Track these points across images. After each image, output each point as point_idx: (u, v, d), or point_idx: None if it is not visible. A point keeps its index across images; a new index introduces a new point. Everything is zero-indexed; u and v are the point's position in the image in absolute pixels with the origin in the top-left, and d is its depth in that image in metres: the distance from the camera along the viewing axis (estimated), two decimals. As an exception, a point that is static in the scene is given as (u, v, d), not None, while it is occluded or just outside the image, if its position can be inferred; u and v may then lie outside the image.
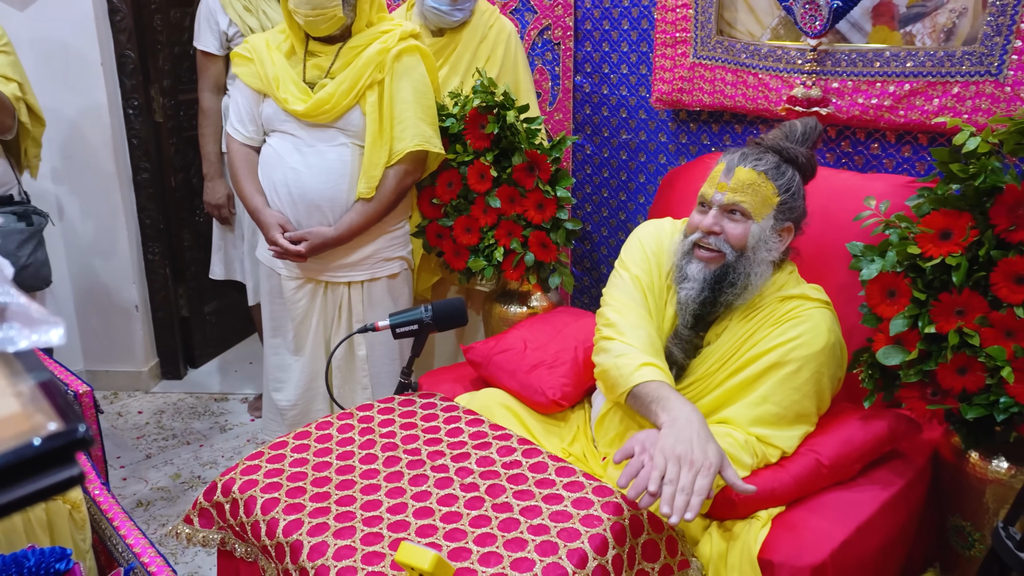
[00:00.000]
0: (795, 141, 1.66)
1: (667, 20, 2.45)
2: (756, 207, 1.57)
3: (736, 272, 1.58)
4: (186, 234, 3.46)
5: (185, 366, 3.58)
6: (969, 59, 1.90)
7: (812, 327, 1.55)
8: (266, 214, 2.20)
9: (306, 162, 2.17)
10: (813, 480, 1.55)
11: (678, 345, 1.66)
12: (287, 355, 2.37)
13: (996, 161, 1.48)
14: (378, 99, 2.15)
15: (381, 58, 2.13)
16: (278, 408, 2.42)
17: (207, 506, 1.56)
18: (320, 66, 2.17)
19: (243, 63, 2.22)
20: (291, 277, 2.29)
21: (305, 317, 2.32)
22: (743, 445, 1.52)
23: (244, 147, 2.27)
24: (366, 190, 2.17)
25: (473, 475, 1.51)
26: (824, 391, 1.58)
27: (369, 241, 2.26)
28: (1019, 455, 1.56)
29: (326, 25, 2.09)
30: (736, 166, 1.59)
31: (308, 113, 2.13)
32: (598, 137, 2.85)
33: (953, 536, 1.67)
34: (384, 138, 2.16)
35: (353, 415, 1.75)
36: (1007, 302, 1.45)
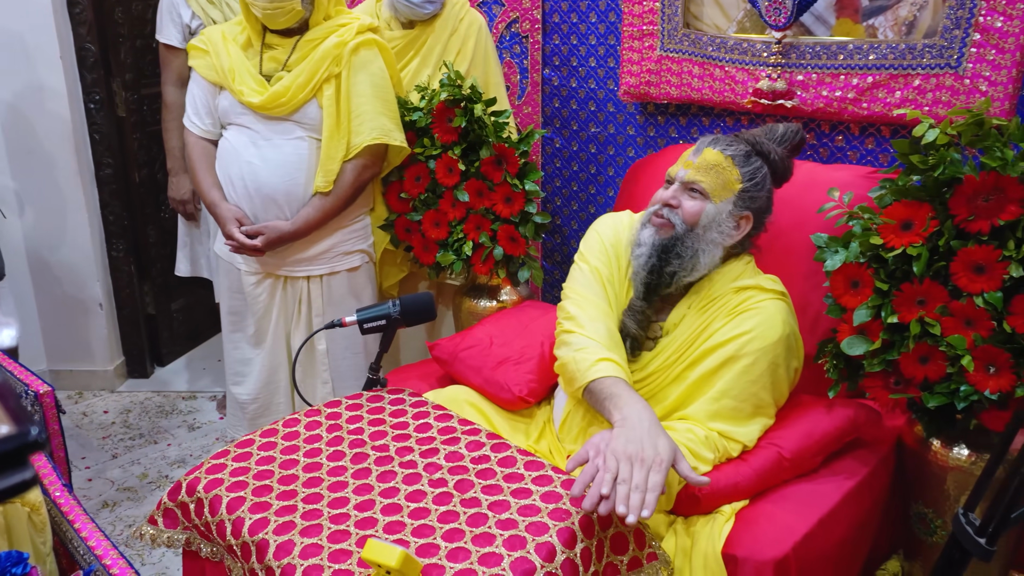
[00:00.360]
0: (774, 140, 1.70)
1: (634, 13, 2.45)
2: (715, 189, 1.62)
3: (683, 245, 1.62)
4: (151, 230, 3.41)
5: (152, 364, 3.53)
6: (929, 52, 1.93)
7: (766, 319, 1.57)
8: (223, 208, 2.18)
9: (262, 156, 2.15)
10: (775, 473, 1.57)
11: (632, 317, 1.69)
12: (248, 349, 2.36)
13: (955, 152, 1.49)
14: (335, 92, 2.14)
15: (338, 51, 2.12)
16: (239, 402, 2.40)
17: (172, 506, 1.54)
18: (277, 59, 2.15)
19: (199, 55, 2.20)
20: (250, 272, 2.28)
21: (266, 311, 2.30)
22: (703, 441, 1.54)
23: (201, 140, 2.25)
24: (323, 184, 2.16)
25: (442, 470, 1.50)
26: (781, 382, 1.60)
27: (327, 235, 2.24)
28: (979, 442, 1.59)
29: (284, 18, 2.08)
30: (706, 147, 1.64)
31: (264, 105, 2.11)
32: (567, 130, 2.85)
33: (916, 523, 1.70)
34: (341, 132, 2.15)
35: (321, 412, 1.73)
36: (966, 291, 1.47)
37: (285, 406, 2.39)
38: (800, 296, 1.86)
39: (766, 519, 1.50)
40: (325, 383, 2.35)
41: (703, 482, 1.38)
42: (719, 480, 1.52)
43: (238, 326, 2.36)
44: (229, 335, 2.40)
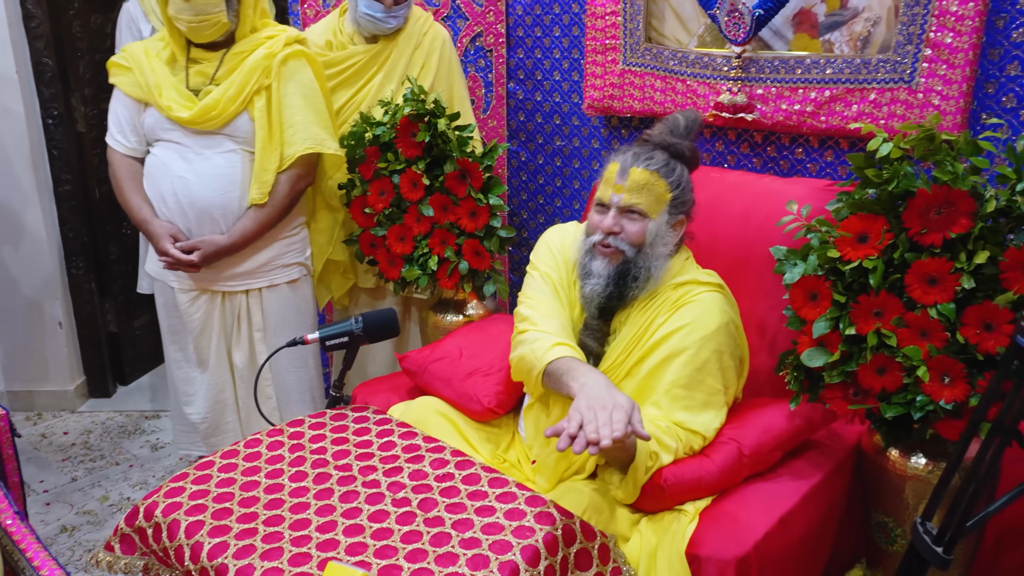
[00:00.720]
0: (680, 135, 1.74)
1: (597, 27, 2.47)
2: (651, 206, 1.66)
3: (637, 267, 1.68)
4: (112, 247, 3.36)
5: (114, 383, 3.47)
6: (884, 67, 1.96)
7: (704, 310, 1.64)
8: (155, 224, 2.16)
9: (194, 170, 2.13)
10: (736, 468, 1.61)
11: (590, 335, 1.74)
12: (190, 369, 2.33)
13: (908, 166, 1.52)
14: (266, 104, 2.13)
15: (267, 63, 2.12)
16: (191, 422, 2.36)
17: (129, 532, 1.51)
18: (204, 73, 2.14)
19: (121, 72, 2.17)
20: (184, 289, 2.24)
21: (203, 330, 2.27)
22: (666, 430, 1.59)
23: (127, 158, 2.22)
24: (259, 196, 2.15)
25: (405, 489, 1.49)
26: (728, 369, 1.66)
27: (265, 247, 2.24)
28: (936, 451, 1.61)
29: (210, 31, 2.07)
30: (630, 167, 1.67)
31: (194, 120, 2.10)
32: (532, 144, 2.86)
33: (877, 532, 1.72)
34: (274, 143, 2.15)
35: (283, 431, 1.72)
36: (921, 303, 1.49)
37: (234, 425, 2.37)
38: (760, 311, 1.88)
39: (728, 518, 1.54)
40: (269, 398, 2.33)
41: (645, 436, 1.42)
42: (683, 474, 1.56)
43: (179, 345, 2.33)
44: (171, 355, 2.37)
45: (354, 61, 2.45)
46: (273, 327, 2.29)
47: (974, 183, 1.47)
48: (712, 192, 2.06)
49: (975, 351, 1.45)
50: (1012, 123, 1.88)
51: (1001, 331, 1.43)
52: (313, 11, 2.78)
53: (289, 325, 2.31)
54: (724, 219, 1.99)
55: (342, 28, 2.48)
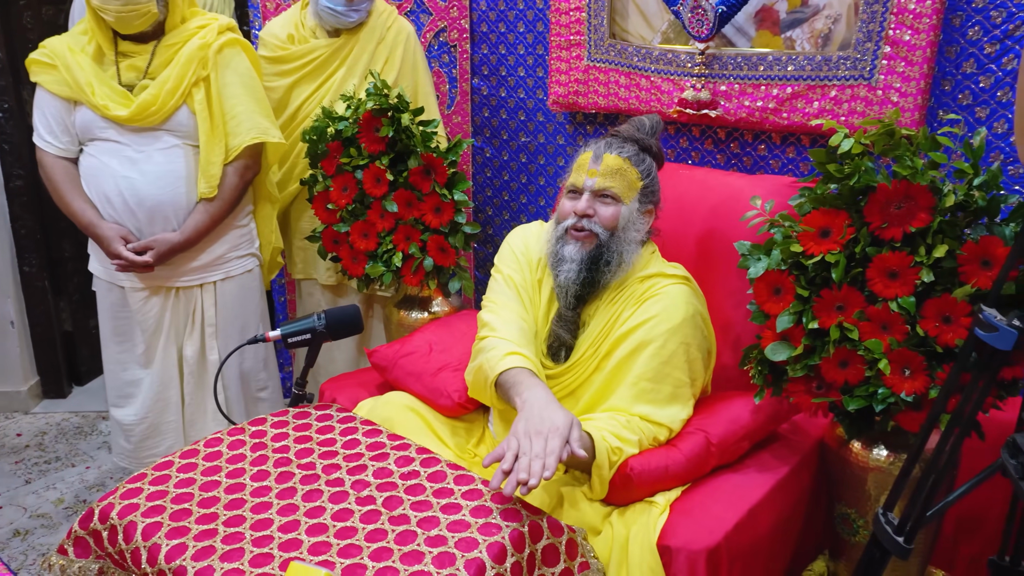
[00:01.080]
0: (647, 133, 1.78)
1: (561, 23, 2.46)
2: (624, 191, 1.69)
3: (610, 251, 1.69)
4: (66, 244, 3.27)
5: (69, 383, 3.38)
6: (844, 64, 1.99)
7: (670, 302, 1.65)
8: (103, 227, 2.09)
9: (138, 168, 2.08)
10: (703, 457, 1.62)
11: (563, 327, 1.74)
12: (136, 369, 2.28)
13: (869, 161, 1.54)
14: (205, 96, 2.10)
15: (203, 53, 2.08)
16: (122, 427, 2.31)
17: (83, 534, 1.47)
18: (136, 67, 2.08)
19: (44, 70, 2.09)
20: (136, 289, 2.19)
21: (156, 328, 2.23)
22: (625, 424, 1.59)
23: (60, 160, 2.13)
24: (207, 189, 2.12)
25: (370, 487, 1.47)
26: (695, 361, 1.67)
27: (218, 239, 2.21)
28: (897, 443, 1.64)
29: (139, 22, 2.01)
30: (603, 153, 1.70)
31: (133, 118, 2.04)
32: (497, 140, 2.85)
33: (839, 524, 1.74)
34: (218, 135, 2.11)
35: (245, 430, 1.68)
36: (882, 296, 1.51)
37: (176, 425, 2.31)
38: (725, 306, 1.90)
39: (699, 510, 1.55)
40: (220, 393, 2.28)
41: (582, 455, 1.41)
42: (650, 463, 1.56)
43: (125, 346, 2.27)
44: (114, 356, 2.30)
45: (316, 55, 2.41)
46: (226, 320, 2.26)
47: (933, 178, 1.49)
48: (678, 188, 2.07)
49: (935, 344, 1.48)
50: (968, 119, 1.92)
51: (959, 324, 1.45)
52: (273, 4, 2.74)
53: (242, 317, 2.29)
54: (690, 215, 2.00)
55: (304, 22, 2.45)
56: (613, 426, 1.57)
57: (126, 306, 2.22)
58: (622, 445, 1.55)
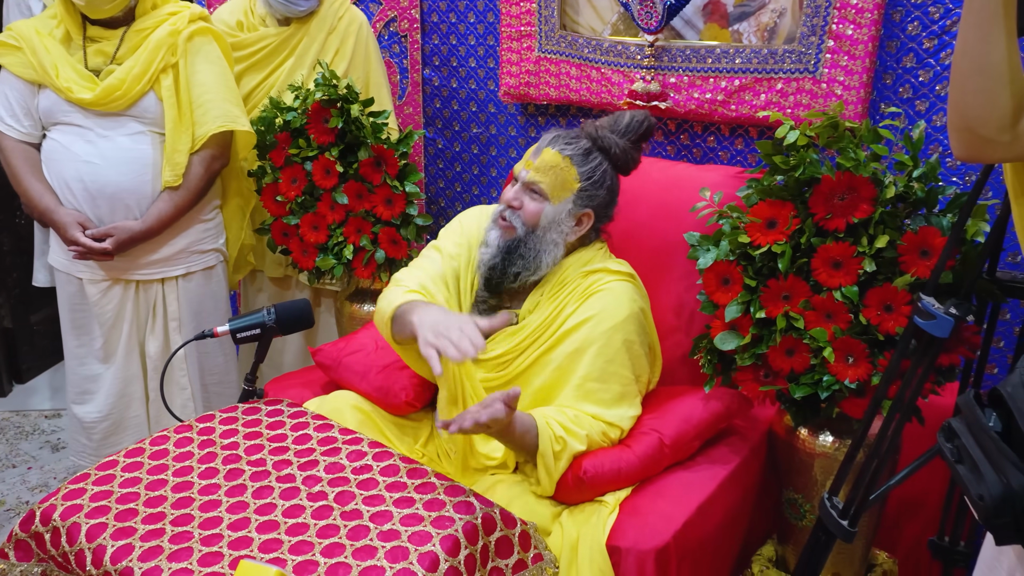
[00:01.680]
0: (617, 132, 1.74)
1: (512, 14, 2.45)
2: (554, 189, 1.67)
3: (525, 247, 1.67)
4: (5, 238, 3.17)
5: (10, 382, 3.28)
6: (789, 57, 2.02)
7: (613, 299, 1.64)
8: (60, 213, 2.04)
9: (101, 153, 2.03)
10: (657, 458, 1.62)
11: (477, 308, 1.75)
12: (95, 364, 2.21)
13: (814, 153, 1.57)
14: (173, 83, 2.06)
15: (173, 40, 2.04)
16: (83, 425, 2.24)
17: (24, 537, 1.43)
18: (104, 52, 2.04)
19: (9, 52, 2.04)
20: (95, 280, 2.14)
21: (116, 321, 2.17)
22: (574, 419, 1.58)
23: (21, 144, 2.08)
24: (172, 178, 2.07)
25: (321, 483, 1.46)
26: (638, 357, 1.67)
27: (181, 232, 2.16)
28: (842, 430, 1.68)
29: (109, 6, 1.97)
30: (545, 147, 1.69)
31: (97, 101, 2.00)
32: (449, 131, 2.83)
33: (787, 509, 1.78)
34: (185, 123, 2.07)
35: (192, 427, 1.65)
36: (826, 286, 1.54)
37: (140, 420, 2.26)
38: (677, 295, 1.92)
39: (648, 509, 1.55)
40: (184, 389, 2.24)
41: (509, 319, 1.47)
42: (603, 465, 1.56)
43: (83, 340, 2.21)
44: (73, 351, 2.24)
45: (265, 44, 2.37)
46: (189, 316, 2.21)
47: (875, 170, 1.53)
48: (629, 180, 2.07)
49: (876, 332, 1.52)
50: (908, 113, 1.97)
51: (900, 312, 1.50)
52: (219, -9, 2.68)
53: (205, 313, 2.24)
54: (641, 206, 2.01)
55: (254, 9, 2.40)
56: (563, 416, 1.57)
57: (84, 298, 2.16)
58: (566, 436, 1.54)
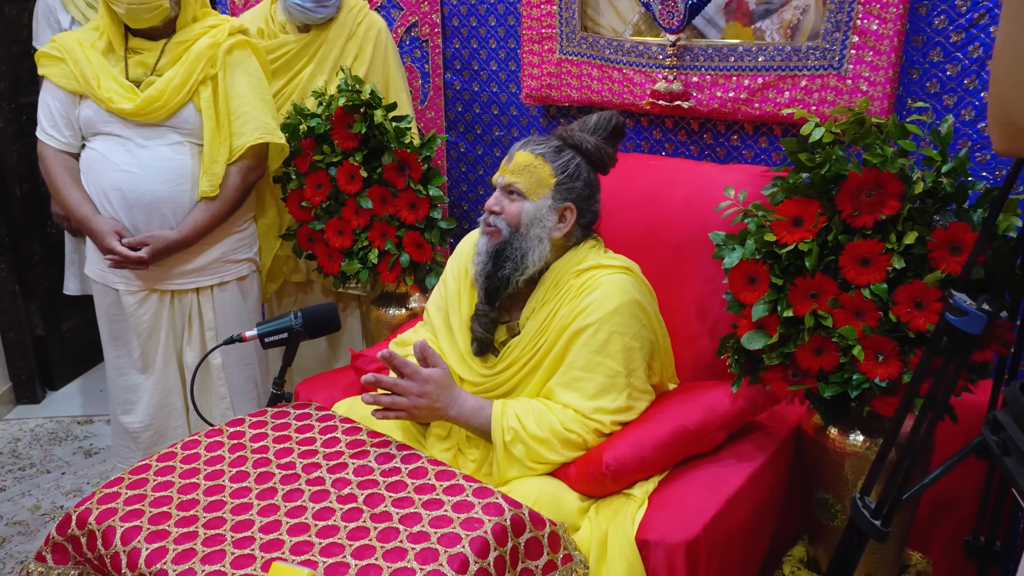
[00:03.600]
0: (587, 131, 1.77)
1: (533, 16, 2.46)
2: (531, 187, 1.69)
3: (512, 247, 1.69)
4: (36, 247, 3.22)
5: (43, 388, 3.34)
6: (813, 54, 2.00)
7: (603, 292, 1.64)
8: (97, 221, 2.06)
9: (139, 163, 2.05)
10: (681, 444, 1.63)
11: (478, 322, 1.76)
12: (134, 374, 2.24)
13: (839, 150, 1.55)
14: (212, 94, 2.08)
15: (213, 52, 2.07)
16: (129, 432, 2.27)
17: (61, 541, 1.45)
18: (145, 63, 2.07)
19: (52, 63, 2.07)
20: (131, 291, 2.16)
21: (152, 331, 2.19)
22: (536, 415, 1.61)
23: (61, 153, 2.11)
24: (209, 188, 2.09)
25: (351, 485, 1.47)
26: (631, 351, 1.65)
27: (216, 242, 2.18)
28: (873, 428, 1.66)
29: (150, 16, 2.00)
30: (517, 150, 1.73)
31: (137, 112, 2.02)
32: (471, 134, 2.84)
33: (818, 508, 1.76)
34: (223, 134, 2.09)
35: (223, 431, 1.67)
36: (854, 284, 1.52)
37: (182, 430, 2.28)
38: (701, 298, 1.91)
39: (676, 502, 1.56)
40: (223, 398, 2.26)
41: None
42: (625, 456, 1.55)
43: (121, 351, 2.23)
44: (113, 361, 2.26)
45: (285, 51, 2.39)
46: (224, 325, 2.23)
47: (902, 166, 1.51)
48: (652, 180, 2.08)
49: (907, 329, 1.50)
50: (936, 107, 1.94)
51: (931, 309, 1.48)
52: (242, 0, 2.71)
53: (241, 322, 2.25)
54: (664, 206, 2.01)
55: (274, 16, 2.43)
56: (524, 411, 1.61)
57: (121, 310, 2.18)
58: (517, 427, 1.58)
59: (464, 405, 1.63)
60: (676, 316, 1.90)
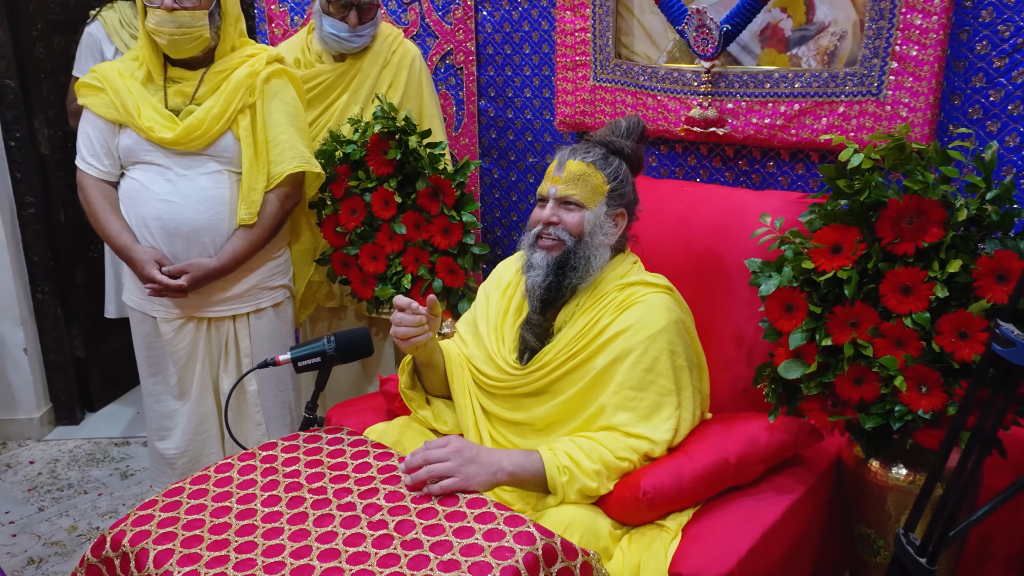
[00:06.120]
0: (620, 135, 1.79)
1: (566, 44, 2.47)
2: (587, 196, 1.70)
3: (577, 256, 1.70)
4: (78, 271, 3.29)
5: (82, 410, 3.39)
6: (851, 80, 1.98)
7: (649, 310, 1.65)
8: (137, 251, 2.09)
9: (179, 192, 2.08)
10: (720, 476, 1.59)
11: (530, 330, 1.76)
12: (171, 401, 2.25)
13: (879, 176, 1.53)
14: (251, 123, 2.11)
15: (251, 81, 2.10)
16: (165, 458, 2.29)
17: (96, 562, 1.46)
18: (184, 92, 2.10)
19: (92, 92, 2.11)
20: (168, 319, 2.18)
21: (189, 359, 2.21)
22: (587, 452, 1.56)
23: (100, 183, 2.14)
24: (247, 216, 2.11)
25: (381, 511, 1.46)
26: (680, 369, 1.64)
27: (252, 270, 2.19)
28: (917, 461, 1.61)
29: (191, 45, 2.03)
30: (567, 160, 1.73)
31: (178, 140, 2.05)
32: (505, 161, 2.86)
33: (860, 544, 1.71)
34: (261, 162, 2.12)
35: (255, 455, 1.67)
36: (895, 312, 1.49)
37: (217, 457, 2.28)
38: (737, 324, 1.88)
39: (711, 535, 1.52)
40: (258, 425, 2.27)
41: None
42: (663, 483, 1.52)
43: (158, 378, 2.25)
44: (149, 388, 2.28)
45: (321, 80, 2.43)
46: (260, 352, 2.24)
47: (944, 192, 1.48)
48: (685, 205, 2.06)
49: (951, 359, 1.46)
50: (979, 133, 1.91)
51: (976, 339, 1.44)
52: (281, 30, 2.76)
53: (276, 349, 2.26)
54: (697, 232, 1.99)
55: (310, 46, 2.47)
56: (575, 450, 1.57)
57: (158, 337, 2.20)
58: (587, 480, 1.54)
59: (512, 453, 1.58)
60: (711, 341, 1.87)
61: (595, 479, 1.55)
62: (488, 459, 1.54)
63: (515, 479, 1.56)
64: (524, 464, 1.56)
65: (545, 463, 1.55)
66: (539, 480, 1.56)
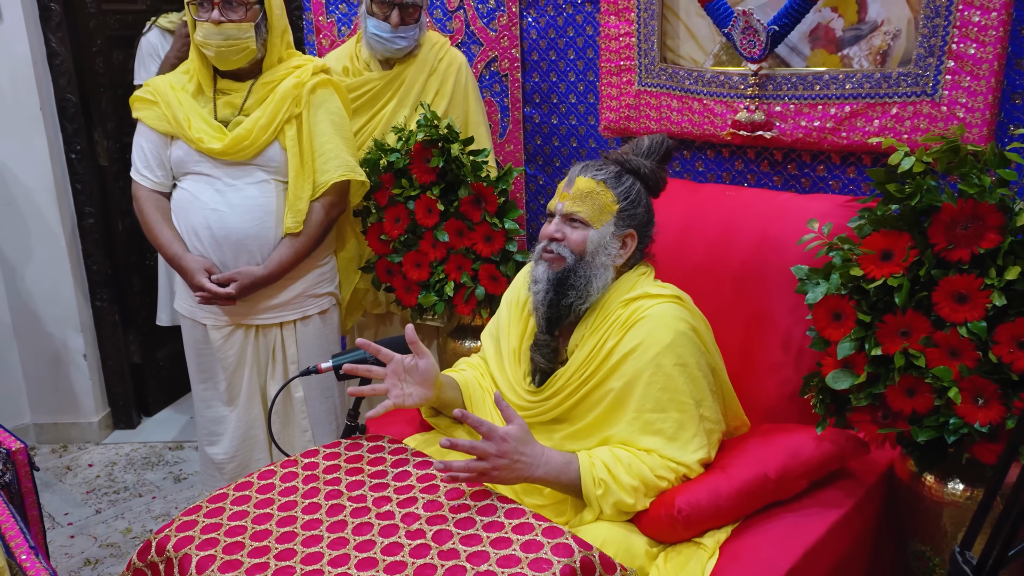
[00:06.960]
0: (640, 154, 1.73)
1: (611, 49, 2.45)
2: (594, 215, 1.65)
3: (576, 275, 1.65)
4: (135, 279, 3.39)
5: (139, 415, 3.48)
6: (905, 80, 1.92)
7: (656, 324, 1.58)
8: (188, 259, 2.14)
9: (227, 201, 2.12)
10: (759, 492, 1.54)
11: (538, 351, 1.72)
12: (220, 407, 2.29)
13: (931, 180, 1.47)
14: (297, 133, 2.13)
15: (297, 92, 2.13)
16: (214, 463, 2.33)
17: (141, 567, 1.49)
18: (232, 103, 2.14)
19: (145, 106, 2.17)
20: (218, 326, 2.22)
21: (237, 366, 2.24)
22: (626, 467, 1.53)
23: (153, 193, 2.20)
24: (293, 224, 2.14)
25: (420, 520, 1.46)
26: (697, 379, 1.58)
27: (299, 278, 2.22)
28: (973, 476, 1.55)
29: (237, 57, 2.07)
30: (577, 176, 1.68)
31: (226, 151, 2.09)
32: (550, 167, 2.84)
33: (914, 561, 1.65)
34: (307, 171, 2.14)
35: (297, 462, 1.69)
36: (950, 321, 1.43)
37: (265, 462, 2.32)
38: (784, 329, 1.83)
39: (750, 554, 1.47)
40: (304, 431, 2.29)
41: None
42: (700, 500, 1.48)
43: (207, 385, 2.30)
44: (199, 394, 2.33)
45: (369, 87, 2.45)
46: (306, 359, 2.27)
47: (1002, 196, 1.42)
48: (727, 211, 2.02)
49: (1009, 371, 1.39)
50: (1041, 134, 1.83)
51: (1036, 349, 1.37)
52: (328, 40, 2.80)
53: (322, 356, 2.28)
54: (738, 237, 1.94)
55: (358, 54, 2.50)
56: (614, 463, 1.53)
57: (208, 344, 2.25)
58: (623, 495, 1.51)
59: (552, 462, 1.54)
60: (757, 346, 1.82)
61: (632, 495, 1.51)
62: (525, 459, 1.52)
63: (548, 484, 1.56)
64: (559, 474, 1.54)
65: (582, 474, 1.53)
66: (574, 488, 1.54)
